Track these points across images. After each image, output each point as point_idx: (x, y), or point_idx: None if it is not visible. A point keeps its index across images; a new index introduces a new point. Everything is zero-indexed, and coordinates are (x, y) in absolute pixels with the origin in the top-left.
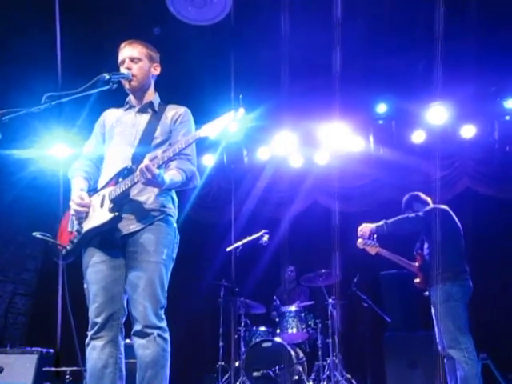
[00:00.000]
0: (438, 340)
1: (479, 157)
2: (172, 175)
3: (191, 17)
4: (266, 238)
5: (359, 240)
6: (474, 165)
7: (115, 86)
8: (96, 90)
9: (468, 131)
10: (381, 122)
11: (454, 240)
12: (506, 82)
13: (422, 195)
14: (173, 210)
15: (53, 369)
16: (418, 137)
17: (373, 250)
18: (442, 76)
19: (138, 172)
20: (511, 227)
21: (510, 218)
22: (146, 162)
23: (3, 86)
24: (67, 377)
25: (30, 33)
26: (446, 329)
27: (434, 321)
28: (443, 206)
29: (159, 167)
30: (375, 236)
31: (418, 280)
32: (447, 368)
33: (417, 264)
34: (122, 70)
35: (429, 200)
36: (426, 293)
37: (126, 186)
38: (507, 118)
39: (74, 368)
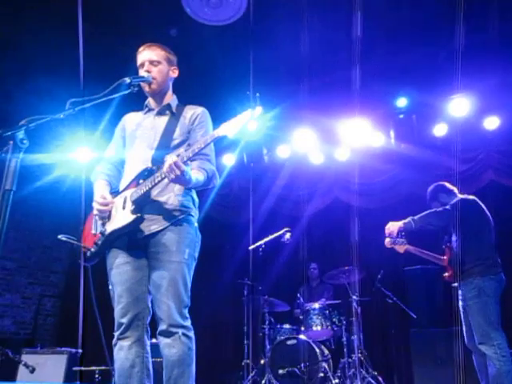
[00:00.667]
0: (465, 335)
1: (503, 149)
2: (196, 174)
3: (207, 17)
4: (288, 235)
5: (387, 239)
6: (499, 157)
7: (136, 89)
8: (118, 94)
9: (491, 123)
10: (401, 116)
11: (483, 232)
12: None
13: (448, 185)
14: (194, 210)
15: (82, 368)
16: (439, 130)
17: (401, 249)
18: (464, 67)
19: (165, 169)
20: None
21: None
22: (173, 158)
23: (30, 92)
24: (96, 376)
25: (52, 40)
26: (477, 324)
27: (462, 315)
28: (471, 197)
29: (185, 164)
30: (403, 233)
31: (447, 274)
32: (476, 364)
33: (445, 258)
34: (142, 72)
35: (455, 190)
36: (455, 284)
37: (147, 187)
38: None
39: (103, 367)
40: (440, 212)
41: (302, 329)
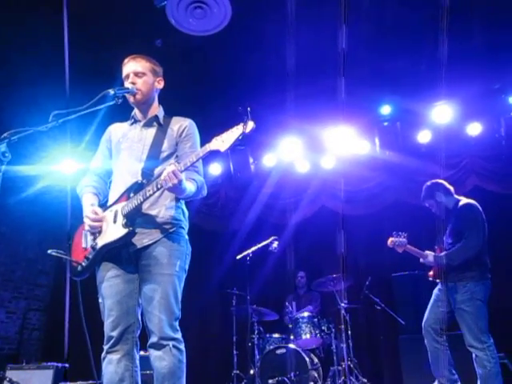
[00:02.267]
0: (425, 316)
1: (486, 154)
2: (188, 184)
3: (192, 28)
4: (275, 244)
5: (390, 239)
6: (482, 162)
7: (120, 100)
8: (102, 106)
9: (474, 129)
10: (386, 123)
11: (482, 238)
12: (510, 78)
13: (446, 184)
14: (184, 222)
15: (69, 383)
16: (423, 137)
17: (401, 249)
18: (446, 75)
19: (162, 177)
20: None
21: None
22: (171, 167)
23: (15, 104)
24: None
25: (39, 52)
26: (468, 327)
27: (432, 301)
28: (473, 201)
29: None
30: (405, 234)
31: (431, 273)
32: (430, 350)
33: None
34: (127, 84)
35: (451, 189)
36: (437, 280)
37: (139, 201)
38: None
39: (90, 382)
40: (466, 248)
41: (292, 338)
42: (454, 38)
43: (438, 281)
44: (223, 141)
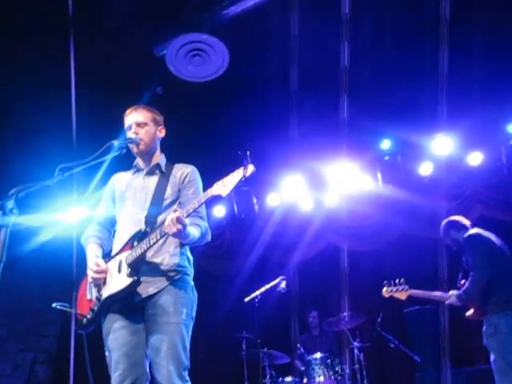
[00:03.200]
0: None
1: (489, 183)
2: (192, 229)
3: (191, 75)
4: (283, 284)
5: (384, 289)
6: (485, 191)
7: (124, 151)
8: (107, 157)
9: (475, 158)
10: (387, 157)
11: (491, 267)
12: (508, 106)
13: (460, 220)
14: (189, 269)
15: None
16: (425, 169)
17: (403, 295)
18: (445, 106)
19: (167, 223)
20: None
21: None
22: (176, 213)
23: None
24: None
25: (47, 105)
26: (495, 364)
27: None
28: (474, 231)
29: None
30: (401, 280)
31: (470, 313)
32: None
33: None
34: (129, 134)
35: (465, 223)
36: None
37: (143, 250)
38: None
39: None
40: (474, 282)
41: (305, 381)
42: (452, 68)
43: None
44: (224, 185)
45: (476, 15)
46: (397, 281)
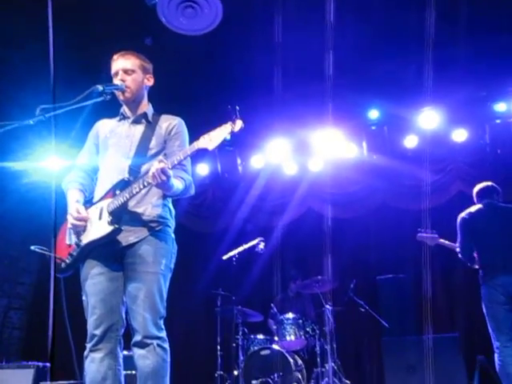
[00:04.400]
0: None
1: (471, 160)
2: (176, 181)
3: (183, 27)
4: (262, 245)
5: (418, 235)
6: (467, 168)
7: (109, 97)
8: (90, 102)
9: (460, 135)
10: (373, 127)
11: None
12: (496, 85)
13: (474, 194)
14: (171, 221)
15: (49, 383)
16: (410, 141)
17: (432, 242)
18: (433, 81)
19: (151, 173)
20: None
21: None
22: (160, 164)
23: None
24: None
25: (23, 46)
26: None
27: None
28: (473, 211)
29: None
30: (433, 230)
31: None
32: None
33: None
34: (116, 81)
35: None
36: None
37: (125, 199)
38: (498, 121)
39: (72, 382)
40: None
41: (276, 339)
42: (441, 44)
43: None
44: (211, 139)
45: None
46: (427, 230)
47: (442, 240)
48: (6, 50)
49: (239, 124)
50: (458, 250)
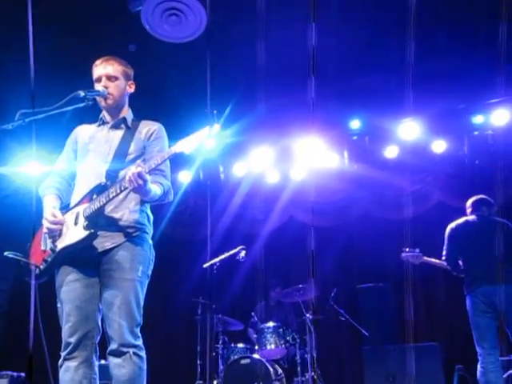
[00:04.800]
0: None
1: (450, 171)
2: (154, 187)
3: (166, 34)
4: (243, 253)
5: (402, 254)
6: (446, 179)
7: (90, 103)
8: (71, 107)
9: (439, 146)
10: (355, 137)
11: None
12: (474, 98)
13: (467, 207)
14: (148, 227)
15: None
16: (390, 152)
17: (417, 261)
18: (414, 93)
19: (127, 178)
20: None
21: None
22: (138, 168)
23: None
24: None
25: (3, 49)
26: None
27: None
28: (460, 222)
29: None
30: (417, 249)
31: None
32: None
33: None
34: (98, 87)
35: (468, 211)
36: None
37: (101, 203)
38: (476, 133)
39: None
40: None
41: (256, 348)
42: (421, 57)
43: None
44: (189, 143)
45: (442, 8)
46: (411, 249)
47: (425, 258)
48: None
49: (216, 128)
50: (443, 258)
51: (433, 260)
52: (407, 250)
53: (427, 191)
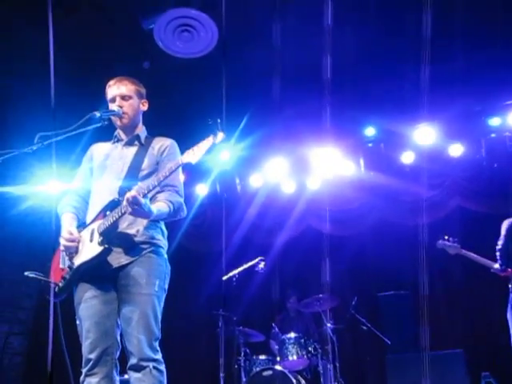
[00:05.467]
0: None
1: (468, 174)
2: (159, 206)
3: (179, 50)
4: (262, 264)
5: (438, 241)
6: (464, 183)
7: (106, 123)
8: (88, 128)
9: (456, 150)
10: (370, 144)
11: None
12: (489, 100)
13: None
14: (163, 242)
15: None
16: (407, 158)
17: (453, 251)
18: (428, 97)
19: (124, 203)
20: None
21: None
22: (132, 192)
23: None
24: None
25: (24, 74)
26: None
27: None
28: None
29: (144, 196)
30: (455, 239)
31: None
32: None
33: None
34: (113, 107)
35: None
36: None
37: (114, 219)
38: (493, 135)
39: None
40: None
41: (278, 359)
42: (435, 60)
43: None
44: (194, 153)
45: (459, 9)
46: (449, 238)
47: (464, 251)
48: (6, 77)
49: (220, 136)
50: (498, 252)
51: (472, 254)
52: (446, 237)
53: (445, 196)
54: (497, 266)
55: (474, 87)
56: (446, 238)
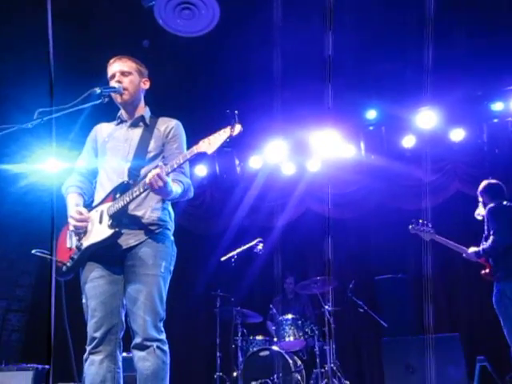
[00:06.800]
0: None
1: (469, 159)
2: (175, 186)
3: (180, 29)
4: (260, 246)
5: (410, 226)
6: (465, 167)
7: (106, 99)
8: (87, 105)
9: (457, 134)
10: (371, 128)
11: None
12: (492, 85)
13: (499, 189)
14: (170, 224)
15: None
16: (408, 141)
17: (427, 237)
18: (430, 80)
19: (148, 180)
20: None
21: None
22: (156, 170)
23: None
24: None
25: (22, 49)
26: (505, 327)
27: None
28: (507, 204)
29: (167, 175)
30: (430, 224)
31: (486, 271)
32: None
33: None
34: (113, 83)
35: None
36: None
37: (125, 202)
38: (495, 120)
39: None
40: (494, 244)
41: (275, 340)
42: (438, 44)
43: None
44: (210, 143)
45: None
46: (424, 222)
47: (438, 236)
48: (4, 52)
49: (238, 128)
50: (491, 238)
51: (446, 240)
52: (420, 221)
53: (446, 180)
54: (471, 250)
55: (477, 71)
56: (421, 221)
